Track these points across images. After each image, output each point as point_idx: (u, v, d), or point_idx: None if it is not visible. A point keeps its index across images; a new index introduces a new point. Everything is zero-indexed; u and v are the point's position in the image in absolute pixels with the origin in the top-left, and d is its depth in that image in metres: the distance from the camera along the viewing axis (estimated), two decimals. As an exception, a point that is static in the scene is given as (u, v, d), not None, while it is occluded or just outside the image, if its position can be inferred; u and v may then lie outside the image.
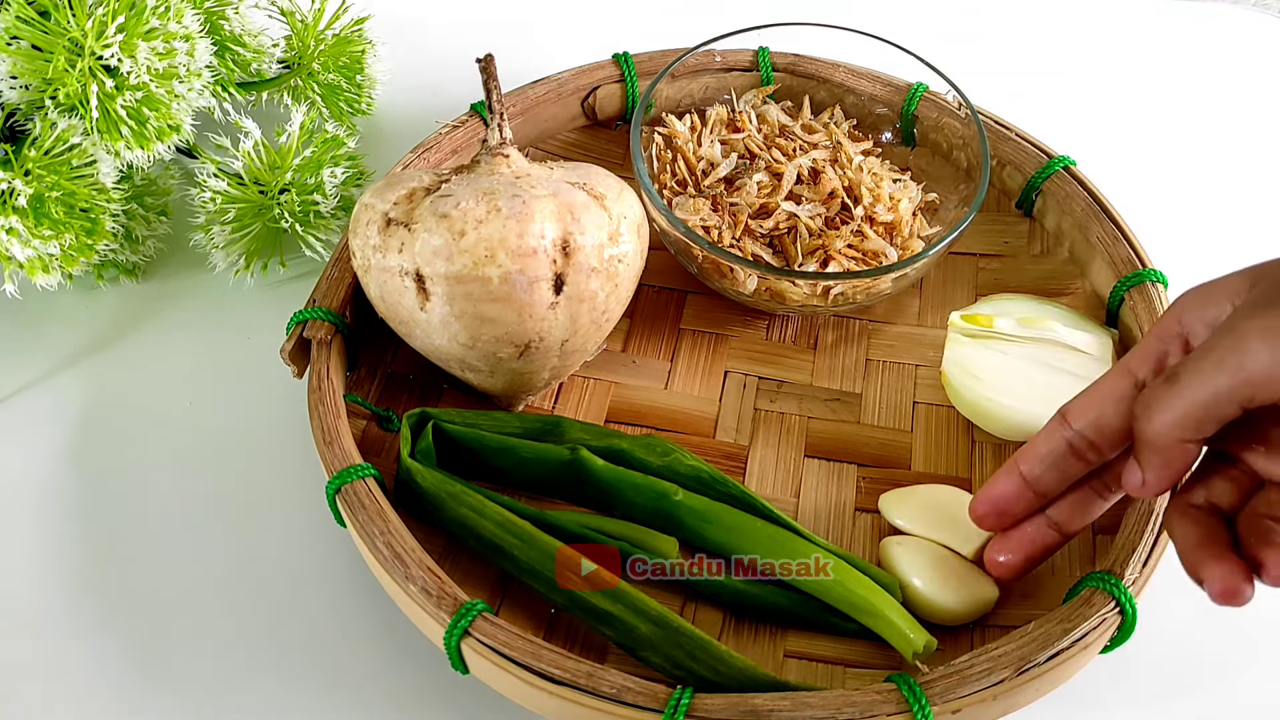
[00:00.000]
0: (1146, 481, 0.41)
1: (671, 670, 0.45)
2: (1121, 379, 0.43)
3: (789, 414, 0.56)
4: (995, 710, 0.44)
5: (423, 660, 0.49)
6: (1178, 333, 0.42)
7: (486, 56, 0.53)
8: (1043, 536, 0.46)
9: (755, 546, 0.49)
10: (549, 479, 0.52)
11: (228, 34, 0.60)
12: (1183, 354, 0.41)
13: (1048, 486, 0.45)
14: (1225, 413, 0.38)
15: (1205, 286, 0.41)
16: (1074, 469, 0.44)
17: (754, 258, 0.56)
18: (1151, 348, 0.42)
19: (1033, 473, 0.44)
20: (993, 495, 0.45)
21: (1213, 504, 0.42)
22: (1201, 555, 0.40)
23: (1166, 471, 0.40)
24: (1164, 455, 0.40)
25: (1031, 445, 0.45)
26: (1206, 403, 0.38)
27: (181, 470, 0.55)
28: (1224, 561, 0.40)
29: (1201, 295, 0.41)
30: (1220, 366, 0.38)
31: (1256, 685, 0.50)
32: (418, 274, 0.48)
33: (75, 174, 0.53)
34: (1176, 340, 0.42)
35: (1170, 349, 0.42)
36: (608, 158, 0.65)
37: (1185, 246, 0.61)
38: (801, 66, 0.63)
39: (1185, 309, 0.42)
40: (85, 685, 0.49)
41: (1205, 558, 0.40)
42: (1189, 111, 0.73)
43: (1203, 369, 0.38)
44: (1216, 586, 0.39)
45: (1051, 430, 0.44)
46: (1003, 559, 0.46)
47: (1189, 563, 0.41)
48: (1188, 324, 0.41)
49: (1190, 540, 0.41)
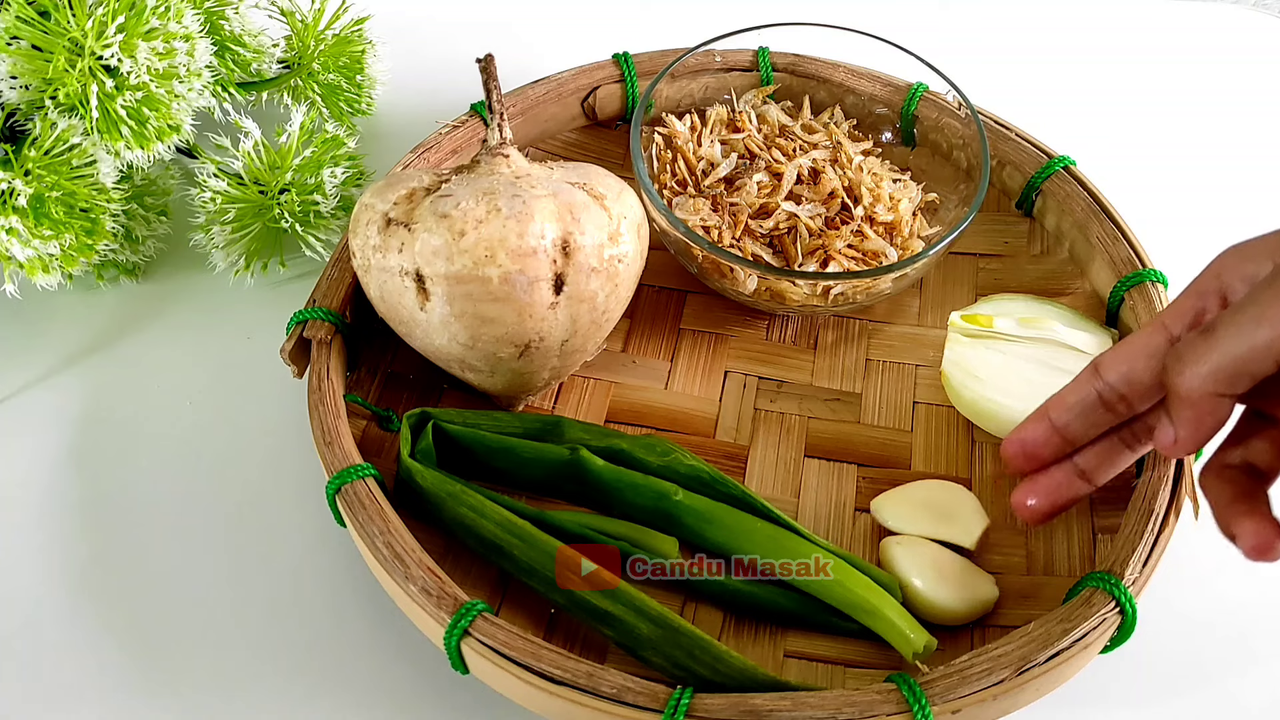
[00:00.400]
0: (1179, 438, 0.40)
1: (671, 670, 0.46)
2: (1155, 334, 0.42)
3: (789, 414, 0.56)
4: (995, 710, 0.44)
5: (423, 660, 0.49)
6: (1216, 289, 0.41)
7: (486, 56, 0.53)
8: (1070, 482, 0.46)
9: (755, 546, 0.49)
10: (549, 479, 0.52)
11: (228, 34, 0.60)
12: (1220, 310, 0.41)
13: (1075, 434, 0.45)
14: (1262, 368, 0.37)
15: (1246, 244, 0.41)
16: (1103, 419, 0.44)
17: (754, 258, 0.56)
18: (1188, 303, 0.42)
19: (1061, 420, 0.44)
20: (1022, 437, 0.45)
21: (1249, 463, 0.41)
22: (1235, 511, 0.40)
23: (1198, 428, 0.39)
24: (1196, 409, 0.39)
25: (1062, 394, 0.45)
26: (1243, 356, 0.37)
27: (181, 470, 0.55)
28: (1256, 517, 0.39)
29: (1241, 252, 0.41)
30: (1260, 320, 0.37)
31: (1256, 685, 0.50)
32: (418, 274, 0.48)
33: (75, 174, 0.53)
34: (1214, 296, 0.41)
35: (1207, 305, 0.41)
36: (608, 158, 0.65)
37: (1185, 246, 0.60)
38: (801, 66, 0.63)
39: (1224, 266, 0.41)
40: (85, 684, 0.49)
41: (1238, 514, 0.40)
42: (1189, 111, 0.73)
43: (1241, 322, 0.37)
44: (1249, 541, 0.39)
45: (1083, 380, 0.44)
46: (1031, 502, 0.46)
47: (1222, 519, 0.41)
48: (1227, 280, 0.41)
49: (1224, 497, 0.41)
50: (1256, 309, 0.37)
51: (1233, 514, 0.40)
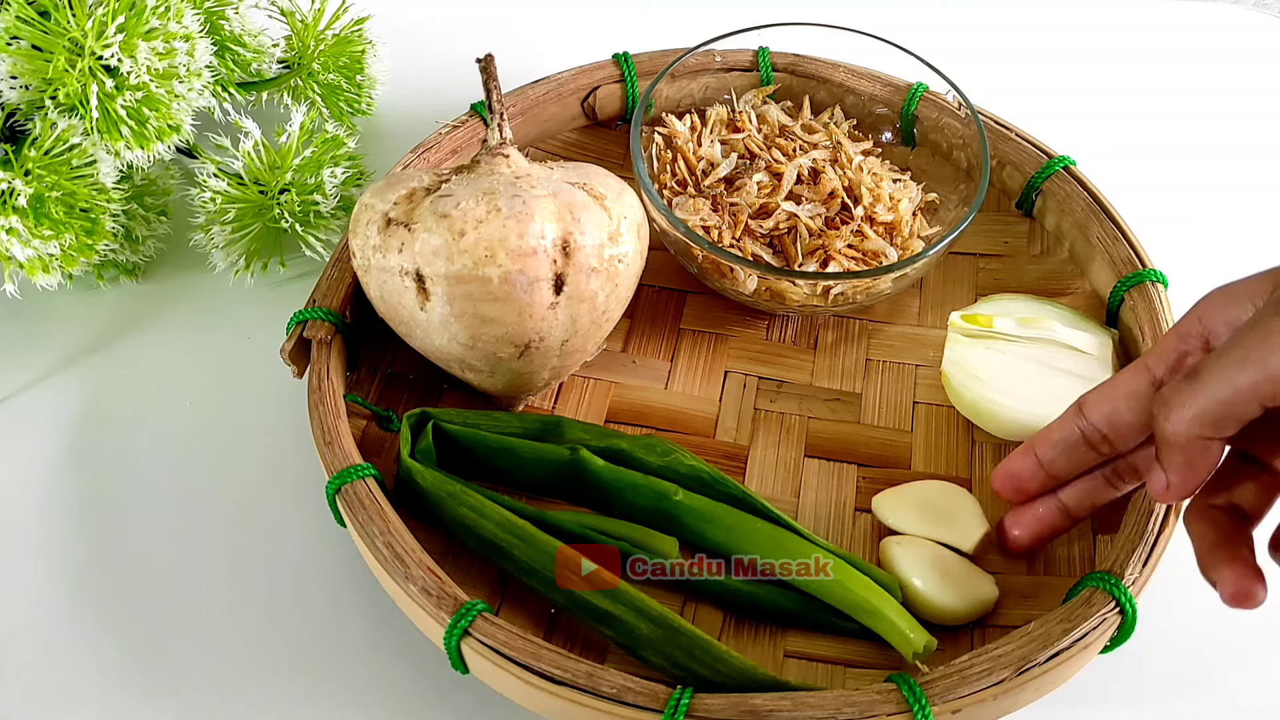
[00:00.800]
0: (1171, 484, 0.40)
1: (671, 670, 0.46)
2: (1139, 376, 0.43)
3: (789, 414, 0.56)
4: (995, 710, 0.44)
5: (423, 660, 0.49)
6: (1198, 332, 0.42)
7: (486, 56, 0.53)
8: (1052, 517, 0.48)
9: (755, 546, 0.49)
10: (549, 479, 0.52)
11: (228, 34, 0.60)
12: (1203, 354, 0.41)
13: (1059, 471, 0.46)
14: (1247, 411, 0.38)
15: (1227, 288, 0.41)
16: (1086, 458, 0.45)
17: (754, 258, 0.56)
18: (1171, 346, 0.42)
19: (1046, 456, 0.46)
20: (1010, 470, 0.48)
21: (1234, 505, 0.42)
22: (1216, 556, 0.41)
23: (1190, 473, 0.40)
24: (1185, 454, 0.40)
25: (1047, 431, 0.46)
26: (1228, 399, 0.38)
27: (181, 470, 0.55)
28: (1237, 564, 0.40)
29: (1223, 296, 0.41)
30: (1244, 363, 0.37)
31: (1256, 685, 0.50)
32: (418, 274, 0.48)
33: (75, 174, 0.53)
34: (1197, 340, 0.42)
35: (1190, 349, 0.42)
36: (608, 158, 0.65)
37: (1185, 246, 0.61)
38: (801, 66, 0.63)
39: (1206, 309, 0.41)
40: (85, 684, 0.49)
41: (1219, 559, 0.40)
42: (1189, 111, 0.73)
43: (1225, 365, 0.38)
44: (1228, 589, 0.40)
45: (1067, 419, 0.45)
46: (1015, 533, 0.49)
47: (1203, 562, 0.41)
48: (1209, 324, 0.41)
49: (1207, 540, 0.41)
50: (1240, 352, 0.38)
51: (1214, 559, 0.41)
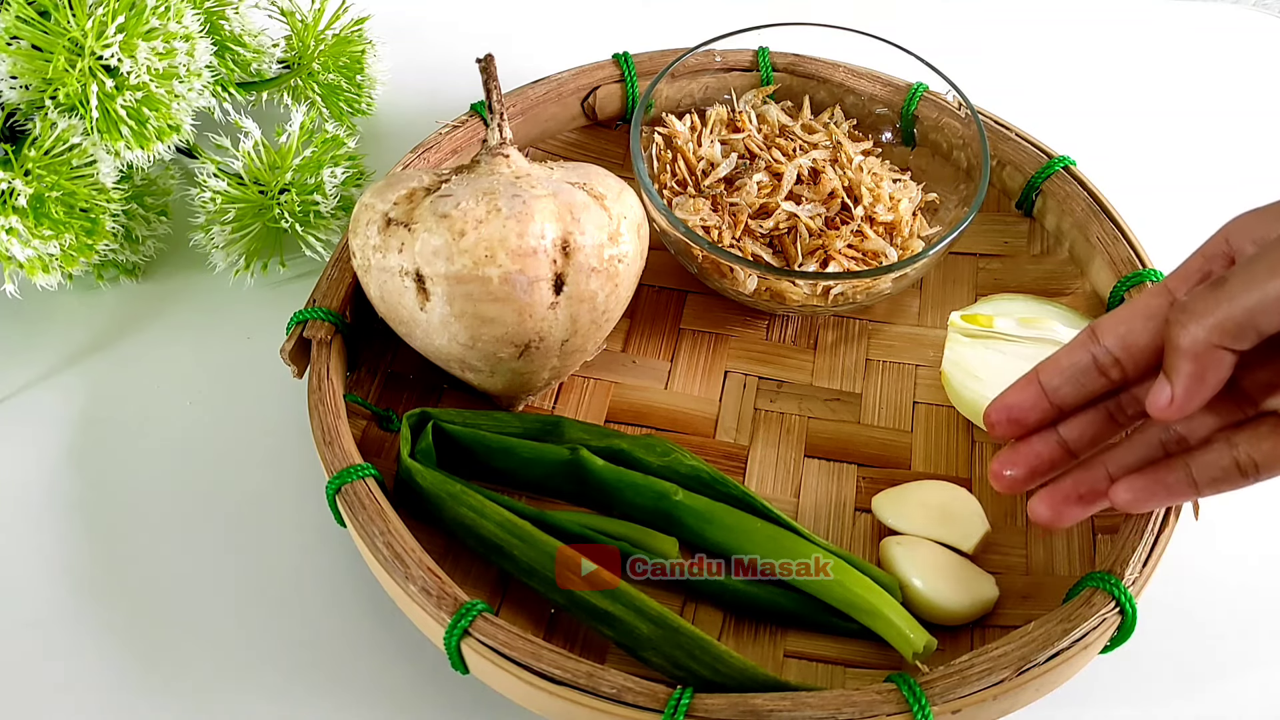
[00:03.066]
0: (1175, 397, 0.39)
1: (671, 670, 0.46)
2: (1157, 297, 0.41)
3: (789, 414, 0.56)
4: (995, 710, 0.44)
5: (423, 660, 0.49)
6: (1224, 251, 0.40)
7: (486, 56, 0.53)
8: (1050, 453, 0.45)
9: (755, 546, 0.49)
10: (549, 479, 0.52)
11: (228, 34, 0.60)
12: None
13: (1064, 399, 0.44)
14: (1271, 322, 0.36)
15: (1258, 209, 0.40)
16: (1094, 385, 0.43)
17: (754, 258, 0.56)
18: (1194, 265, 0.41)
19: (1051, 383, 0.43)
20: (1008, 402, 0.45)
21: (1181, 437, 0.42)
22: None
23: (1198, 385, 0.38)
24: (1198, 364, 0.38)
25: (1055, 358, 0.43)
26: (1254, 308, 0.36)
27: (181, 470, 0.55)
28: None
29: (1253, 216, 0.40)
30: (1275, 271, 0.36)
31: (1256, 685, 0.50)
32: (418, 274, 0.48)
33: (75, 174, 0.53)
34: (1222, 260, 0.40)
35: (1214, 269, 0.41)
36: (608, 158, 0.65)
37: (1185, 246, 0.60)
38: (801, 66, 0.63)
39: (1233, 230, 0.40)
40: (85, 684, 0.49)
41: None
42: (1189, 111, 0.73)
43: (1255, 273, 0.36)
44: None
45: (1077, 344, 0.43)
46: (1009, 473, 0.45)
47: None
48: (1236, 244, 0.40)
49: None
50: (1269, 260, 0.36)
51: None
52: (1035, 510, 0.44)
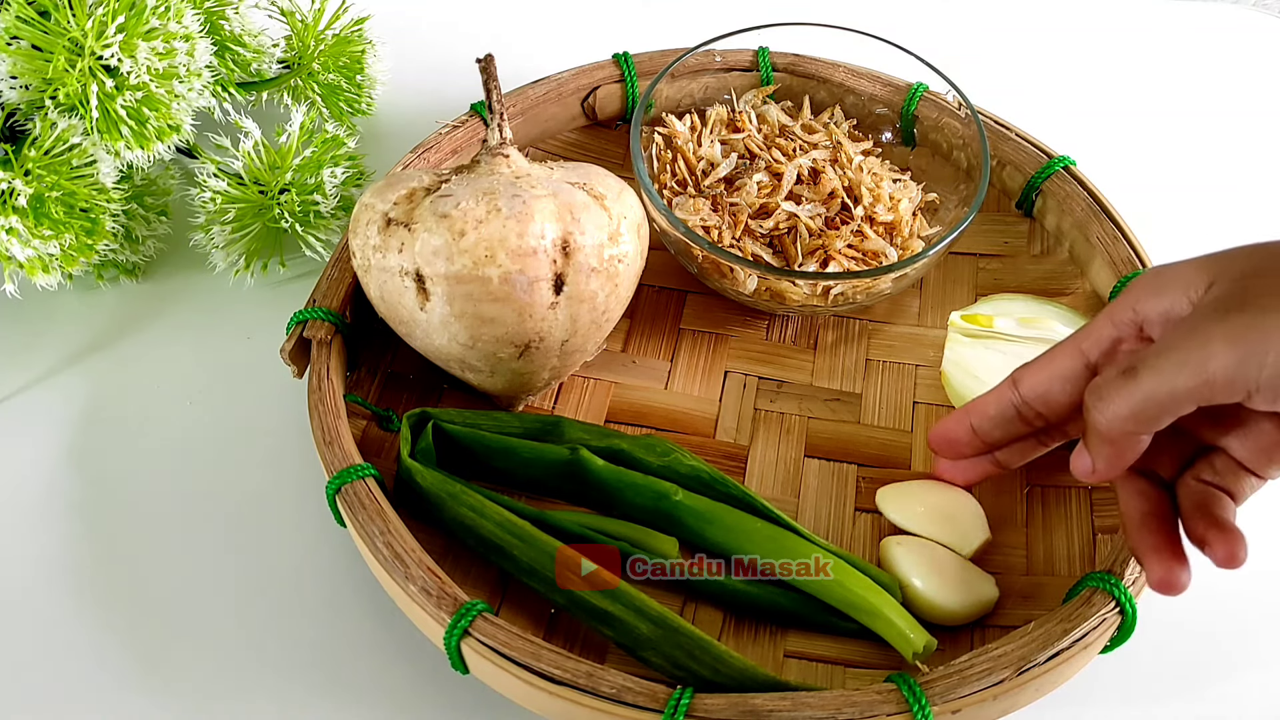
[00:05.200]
0: (1097, 469, 0.42)
1: (671, 670, 0.46)
2: (1072, 358, 0.44)
3: (789, 414, 0.56)
4: (995, 710, 0.44)
5: (423, 660, 0.49)
6: (1131, 320, 0.43)
7: (486, 56, 0.53)
8: (984, 468, 0.50)
9: (755, 546, 0.49)
10: (549, 479, 0.52)
11: (228, 34, 0.60)
12: (1138, 342, 0.43)
13: (994, 440, 0.48)
14: (1180, 410, 0.39)
15: (1159, 274, 0.42)
16: (1019, 430, 0.47)
17: (754, 258, 0.56)
18: (1105, 332, 0.43)
19: (982, 428, 0.48)
20: (946, 435, 0.50)
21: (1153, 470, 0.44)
22: (1143, 537, 0.42)
23: (1117, 460, 0.42)
24: (1116, 446, 0.41)
25: (982, 403, 0.47)
26: (1163, 401, 0.39)
27: (181, 470, 0.55)
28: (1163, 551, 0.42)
29: (1156, 284, 0.42)
30: (1182, 367, 0.38)
31: (1256, 686, 0.50)
32: (418, 274, 0.48)
33: (75, 174, 0.53)
34: (1130, 328, 0.43)
35: (1124, 335, 0.43)
36: (608, 158, 0.65)
37: (1185, 247, 0.60)
38: (801, 66, 0.63)
39: (1140, 297, 0.42)
40: (85, 684, 0.49)
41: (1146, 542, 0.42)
42: (1189, 111, 0.73)
43: (1163, 367, 0.39)
44: (1155, 577, 0.41)
45: (1002, 394, 0.47)
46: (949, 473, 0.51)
47: (1131, 539, 0.43)
48: (1143, 312, 0.42)
49: (1134, 511, 0.43)
50: (1179, 355, 0.38)
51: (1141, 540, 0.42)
52: None
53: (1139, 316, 0.42)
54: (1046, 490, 0.53)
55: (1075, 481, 0.53)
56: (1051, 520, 0.52)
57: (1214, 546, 0.41)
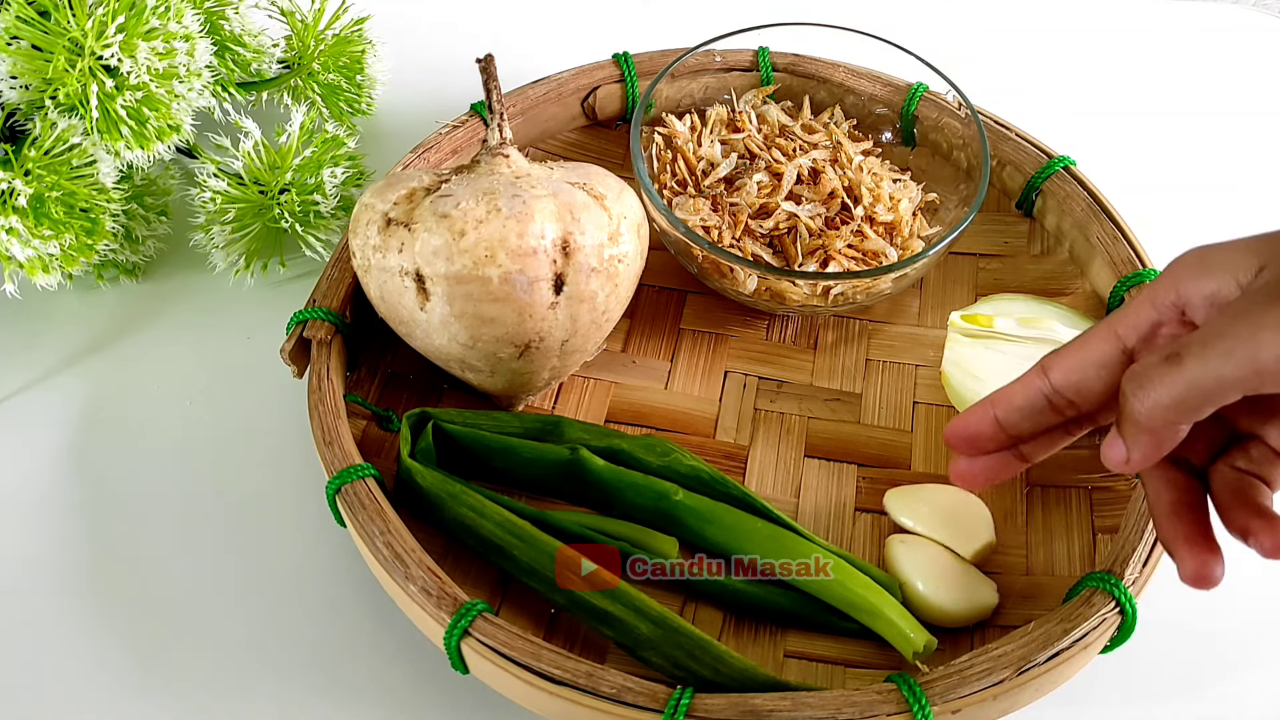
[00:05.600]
0: (1131, 459, 0.39)
1: (671, 670, 0.46)
2: (1108, 343, 0.41)
3: (789, 414, 0.56)
4: (995, 710, 0.44)
5: (423, 660, 0.49)
6: (1174, 302, 0.40)
7: (486, 56, 0.53)
8: (1007, 463, 0.45)
9: (755, 546, 0.49)
10: (549, 479, 0.52)
11: (228, 34, 0.60)
12: (1179, 326, 0.40)
13: (1021, 433, 0.44)
14: (1226, 399, 0.37)
15: (1204, 256, 0.40)
16: (1049, 420, 0.43)
17: (754, 258, 0.56)
18: (1144, 315, 0.41)
19: (1009, 420, 0.44)
20: (968, 430, 0.45)
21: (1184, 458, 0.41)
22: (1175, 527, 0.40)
23: (1154, 450, 0.39)
24: (1154, 435, 0.39)
25: (1009, 394, 0.43)
26: (1209, 389, 0.36)
27: (181, 470, 0.55)
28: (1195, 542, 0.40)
29: (1201, 266, 0.39)
30: (1230, 355, 0.36)
31: (1256, 686, 0.50)
32: (418, 274, 0.48)
33: (75, 174, 0.53)
34: (1172, 311, 0.40)
35: (1164, 319, 0.40)
36: (608, 158, 0.65)
37: (1185, 247, 0.60)
38: (801, 66, 0.63)
39: (1183, 278, 0.40)
40: (85, 684, 0.49)
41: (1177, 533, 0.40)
42: (1189, 111, 0.73)
43: (1209, 355, 0.36)
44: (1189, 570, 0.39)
45: (1030, 382, 0.43)
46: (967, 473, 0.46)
47: (1162, 532, 0.41)
48: (1185, 295, 0.40)
49: (1163, 504, 0.41)
50: (1226, 343, 0.36)
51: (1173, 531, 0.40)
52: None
53: (1182, 300, 0.40)
54: (1047, 490, 0.53)
55: (1076, 481, 0.53)
56: (1051, 520, 0.52)
57: (1259, 536, 0.38)
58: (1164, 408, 0.37)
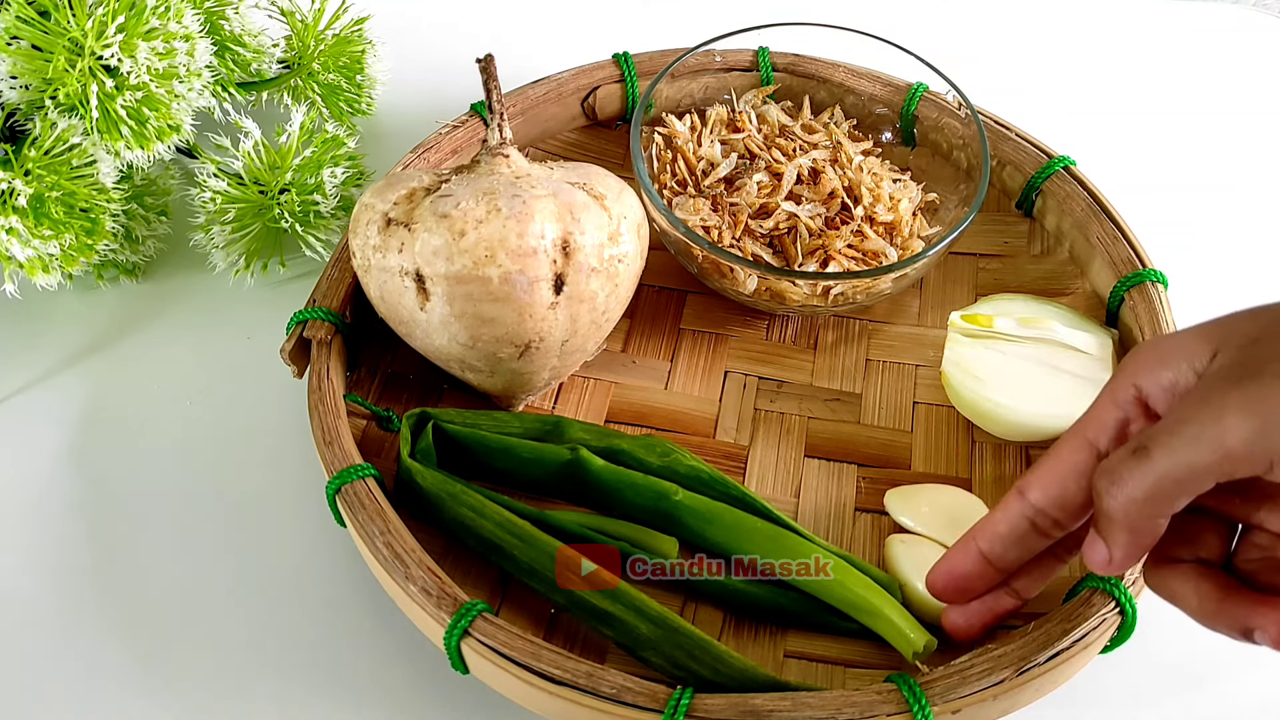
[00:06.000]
0: (1114, 558, 0.38)
1: (671, 670, 0.46)
2: (1080, 451, 0.40)
3: (789, 414, 0.56)
4: (995, 710, 0.44)
5: (423, 660, 0.49)
6: (1135, 397, 0.39)
7: (486, 56, 0.53)
8: (1000, 603, 0.45)
9: (755, 546, 0.49)
10: (549, 479, 0.52)
11: (228, 34, 0.60)
12: (1145, 419, 0.39)
13: (1010, 564, 0.43)
14: (1200, 488, 0.36)
15: (1157, 347, 0.39)
16: (1038, 545, 0.42)
17: (754, 258, 0.56)
18: (1109, 415, 0.40)
19: (994, 551, 0.43)
20: (954, 573, 0.44)
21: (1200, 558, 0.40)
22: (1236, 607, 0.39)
23: (1135, 548, 0.38)
24: (1133, 531, 0.38)
25: (990, 523, 0.42)
26: (1181, 478, 0.36)
27: (181, 470, 0.55)
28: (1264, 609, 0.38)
29: (1155, 357, 0.39)
30: (1196, 441, 0.35)
31: (1256, 685, 0.50)
32: (418, 274, 0.48)
33: (75, 174, 0.53)
34: (1134, 405, 0.39)
35: (1129, 414, 0.39)
36: (608, 158, 0.65)
37: (1185, 246, 0.61)
38: (801, 66, 0.63)
39: (1138, 372, 0.39)
40: (85, 684, 0.49)
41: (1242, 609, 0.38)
42: (1189, 111, 0.73)
43: (1176, 444, 0.36)
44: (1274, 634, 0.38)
45: (1010, 507, 0.42)
46: (962, 624, 0.46)
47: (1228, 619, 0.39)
48: (1145, 388, 0.39)
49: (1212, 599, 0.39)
50: (1192, 429, 0.35)
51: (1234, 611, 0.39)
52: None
53: (1142, 393, 0.39)
54: (1046, 490, 0.53)
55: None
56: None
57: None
58: (1138, 502, 0.37)
